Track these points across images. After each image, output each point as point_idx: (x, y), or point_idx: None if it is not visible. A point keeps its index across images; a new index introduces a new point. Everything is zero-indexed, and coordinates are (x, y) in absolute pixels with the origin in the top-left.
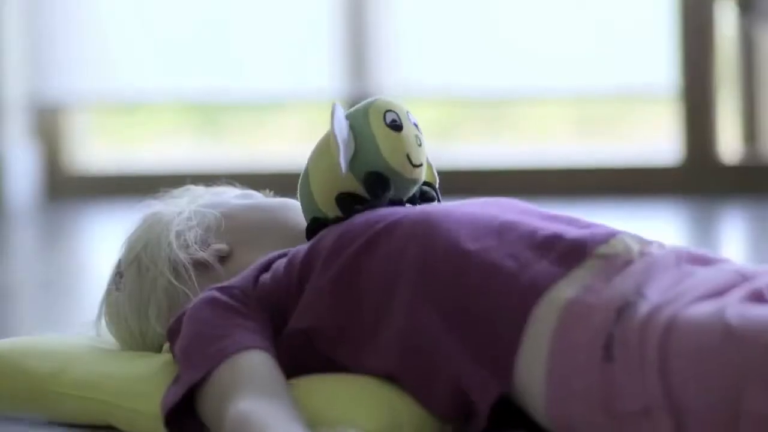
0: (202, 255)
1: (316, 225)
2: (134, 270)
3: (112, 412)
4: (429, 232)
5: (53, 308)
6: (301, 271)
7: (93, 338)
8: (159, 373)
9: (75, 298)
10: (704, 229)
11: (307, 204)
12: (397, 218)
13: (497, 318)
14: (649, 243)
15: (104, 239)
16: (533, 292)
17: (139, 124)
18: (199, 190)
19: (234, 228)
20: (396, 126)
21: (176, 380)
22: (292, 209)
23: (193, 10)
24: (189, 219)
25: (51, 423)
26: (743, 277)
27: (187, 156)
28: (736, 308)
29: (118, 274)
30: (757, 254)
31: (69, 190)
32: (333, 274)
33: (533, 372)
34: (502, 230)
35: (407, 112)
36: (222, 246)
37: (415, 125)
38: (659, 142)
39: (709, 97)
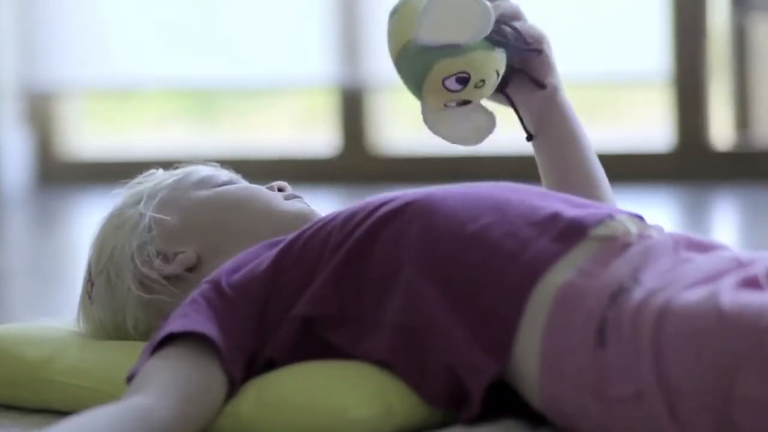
0: (170, 269)
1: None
2: (104, 280)
3: (103, 400)
4: (429, 213)
5: (46, 294)
6: (301, 257)
7: None
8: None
9: (67, 284)
10: (696, 215)
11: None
12: (399, 202)
13: (496, 298)
14: (648, 226)
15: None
16: (532, 272)
17: (133, 110)
18: (160, 174)
19: (198, 230)
20: None
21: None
22: (257, 198)
23: None
24: (149, 229)
25: (42, 410)
26: (740, 264)
27: (181, 142)
28: (729, 293)
29: (90, 282)
30: (748, 240)
31: (62, 176)
32: (336, 260)
33: (528, 354)
34: (501, 209)
35: None
36: (188, 256)
37: None
38: (651, 128)
39: (702, 83)
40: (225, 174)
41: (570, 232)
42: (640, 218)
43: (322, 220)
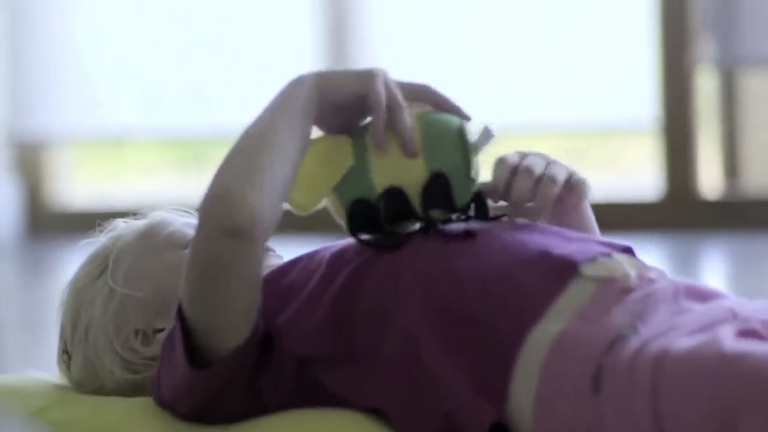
0: (152, 351)
1: (360, 208)
2: (81, 359)
3: None
4: (418, 254)
5: (34, 345)
6: (288, 298)
7: None
8: (141, 413)
9: (56, 335)
10: (685, 264)
11: (355, 179)
12: None
13: (491, 344)
14: (648, 268)
15: None
16: (527, 316)
17: (122, 159)
18: (122, 229)
19: (172, 302)
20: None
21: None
22: None
23: (173, 46)
24: (123, 308)
25: None
26: (735, 317)
27: (169, 191)
28: (730, 340)
29: (65, 353)
30: (737, 290)
31: (51, 226)
32: (328, 301)
33: (523, 398)
34: (488, 248)
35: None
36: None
37: None
38: (640, 177)
39: (690, 132)
40: (192, 226)
41: (560, 272)
42: (632, 252)
43: (304, 258)
